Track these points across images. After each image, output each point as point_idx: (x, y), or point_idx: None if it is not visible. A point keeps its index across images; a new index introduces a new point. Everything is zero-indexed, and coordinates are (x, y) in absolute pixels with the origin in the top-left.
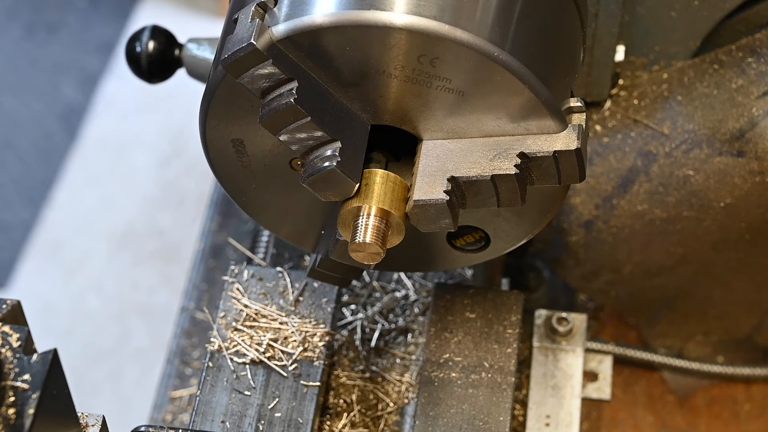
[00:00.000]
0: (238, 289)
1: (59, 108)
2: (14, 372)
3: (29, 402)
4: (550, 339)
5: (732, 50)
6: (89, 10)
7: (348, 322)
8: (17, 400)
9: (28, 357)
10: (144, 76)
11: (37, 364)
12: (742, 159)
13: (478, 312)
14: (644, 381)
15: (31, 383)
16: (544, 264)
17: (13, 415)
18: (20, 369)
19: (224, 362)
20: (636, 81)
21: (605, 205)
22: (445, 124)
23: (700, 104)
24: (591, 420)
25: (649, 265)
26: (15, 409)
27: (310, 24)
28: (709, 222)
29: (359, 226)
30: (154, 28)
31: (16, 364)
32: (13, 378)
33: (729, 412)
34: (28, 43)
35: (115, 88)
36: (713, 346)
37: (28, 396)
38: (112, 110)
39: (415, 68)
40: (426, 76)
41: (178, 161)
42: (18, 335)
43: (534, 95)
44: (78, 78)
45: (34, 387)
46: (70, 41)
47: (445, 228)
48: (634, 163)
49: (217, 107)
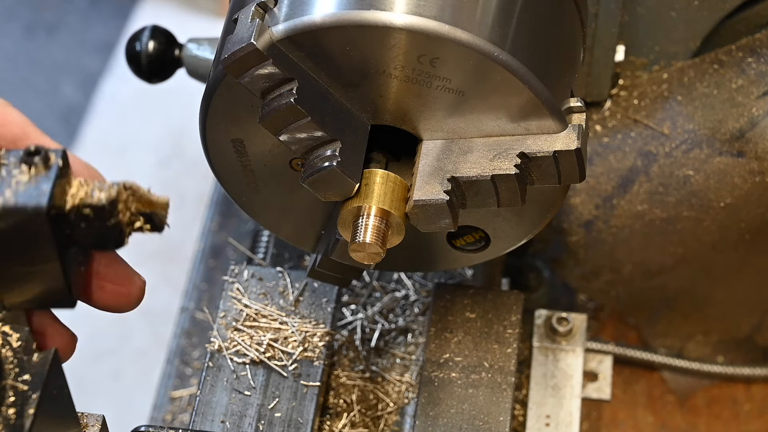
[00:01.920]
0: (238, 289)
1: (59, 108)
2: (14, 372)
3: (29, 402)
4: (550, 339)
5: (732, 50)
6: (89, 11)
7: (348, 322)
8: (17, 400)
9: (29, 357)
10: (144, 76)
11: (37, 364)
12: (742, 159)
13: (478, 312)
14: (644, 381)
15: (31, 383)
16: (544, 264)
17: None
18: (20, 369)
19: (224, 362)
20: (636, 81)
21: (605, 205)
22: (445, 124)
23: (700, 104)
24: (591, 420)
25: (649, 265)
26: (15, 409)
27: (310, 24)
28: (709, 222)
29: (359, 226)
30: (154, 28)
31: (16, 364)
32: (14, 378)
33: (729, 412)
34: (28, 43)
35: (115, 88)
36: (713, 346)
37: (28, 396)
38: (112, 110)
39: (415, 68)
40: (426, 76)
41: (178, 161)
42: (18, 335)
43: (534, 95)
44: (78, 78)
45: (34, 387)
46: (70, 41)
47: (445, 228)
48: (634, 163)
49: (217, 107)
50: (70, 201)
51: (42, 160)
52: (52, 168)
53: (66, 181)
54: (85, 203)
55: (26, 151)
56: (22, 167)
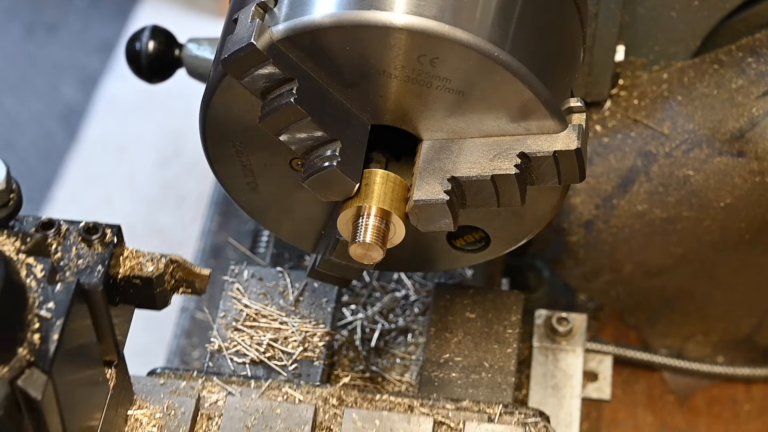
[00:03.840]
0: (238, 289)
1: (59, 108)
2: (39, 300)
3: (53, 328)
4: (550, 339)
5: (732, 50)
6: (89, 10)
7: (348, 322)
8: (42, 326)
9: (52, 287)
10: (144, 76)
11: (61, 294)
12: (742, 159)
13: (478, 312)
14: (644, 381)
15: (55, 311)
16: (544, 264)
17: (38, 341)
18: (44, 298)
19: (224, 362)
20: (636, 81)
21: (605, 205)
22: (445, 124)
23: (700, 104)
24: (591, 420)
25: (649, 265)
26: (40, 335)
27: (310, 24)
28: (709, 222)
29: (359, 226)
30: (154, 28)
31: (40, 293)
32: (38, 306)
33: (729, 412)
34: (28, 43)
35: (115, 88)
36: (713, 346)
37: (52, 323)
38: (112, 110)
39: (415, 68)
40: (426, 76)
41: (178, 161)
42: (42, 266)
43: (534, 95)
44: (78, 78)
45: (58, 314)
46: (70, 41)
47: (444, 228)
48: (634, 163)
49: (217, 107)
50: (122, 272)
51: (99, 239)
52: (108, 246)
53: (120, 252)
54: (135, 275)
55: (85, 228)
56: (82, 244)
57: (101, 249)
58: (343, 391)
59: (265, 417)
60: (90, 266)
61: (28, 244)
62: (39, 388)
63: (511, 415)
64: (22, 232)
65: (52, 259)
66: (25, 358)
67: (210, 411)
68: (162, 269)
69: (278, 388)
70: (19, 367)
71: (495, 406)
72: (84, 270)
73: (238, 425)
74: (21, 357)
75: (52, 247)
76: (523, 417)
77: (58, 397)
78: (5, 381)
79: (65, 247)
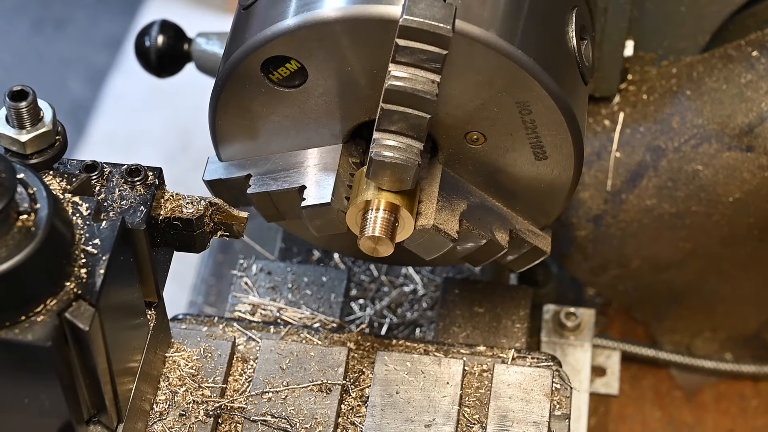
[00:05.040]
0: (247, 284)
1: (66, 103)
2: (85, 237)
3: (100, 263)
4: (559, 334)
5: (741, 45)
6: (97, 6)
7: (357, 317)
8: (88, 261)
9: (98, 224)
10: (153, 71)
11: (106, 231)
12: (751, 154)
13: (487, 306)
14: (652, 376)
15: (101, 247)
16: (553, 259)
17: (85, 275)
18: (90, 235)
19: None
20: (645, 76)
21: (614, 200)
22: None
23: (709, 99)
24: (599, 415)
25: (658, 260)
26: (87, 269)
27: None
28: (717, 217)
29: (368, 219)
30: (163, 23)
31: (86, 230)
32: (84, 242)
33: (736, 407)
34: (36, 38)
35: (122, 83)
36: (721, 343)
37: (98, 258)
38: (119, 106)
39: None
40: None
41: (185, 156)
42: (87, 205)
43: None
44: (85, 73)
45: (104, 251)
46: (77, 37)
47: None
48: (643, 157)
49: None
50: (163, 214)
51: (141, 181)
52: (150, 187)
53: (161, 194)
54: (175, 216)
55: (127, 171)
56: (124, 186)
57: (143, 190)
58: (360, 336)
59: (299, 359)
60: (133, 207)
61: (74, 184)
62: (87, 320)
63: (523, 360)
64: (67, 173)
65: (96, 199)
66: (73, 290)
67: (245, 354)
68: (202, 211)
69: (297, 334)
70: (68, 300)
71: (507, 351)
72: (127, 210)
73: (273, 367)
74: (69, 290)
75: (96, 189)
76: (536, 361)
77: (104, 332)
78: (54, 313)
79: (108, 188)
